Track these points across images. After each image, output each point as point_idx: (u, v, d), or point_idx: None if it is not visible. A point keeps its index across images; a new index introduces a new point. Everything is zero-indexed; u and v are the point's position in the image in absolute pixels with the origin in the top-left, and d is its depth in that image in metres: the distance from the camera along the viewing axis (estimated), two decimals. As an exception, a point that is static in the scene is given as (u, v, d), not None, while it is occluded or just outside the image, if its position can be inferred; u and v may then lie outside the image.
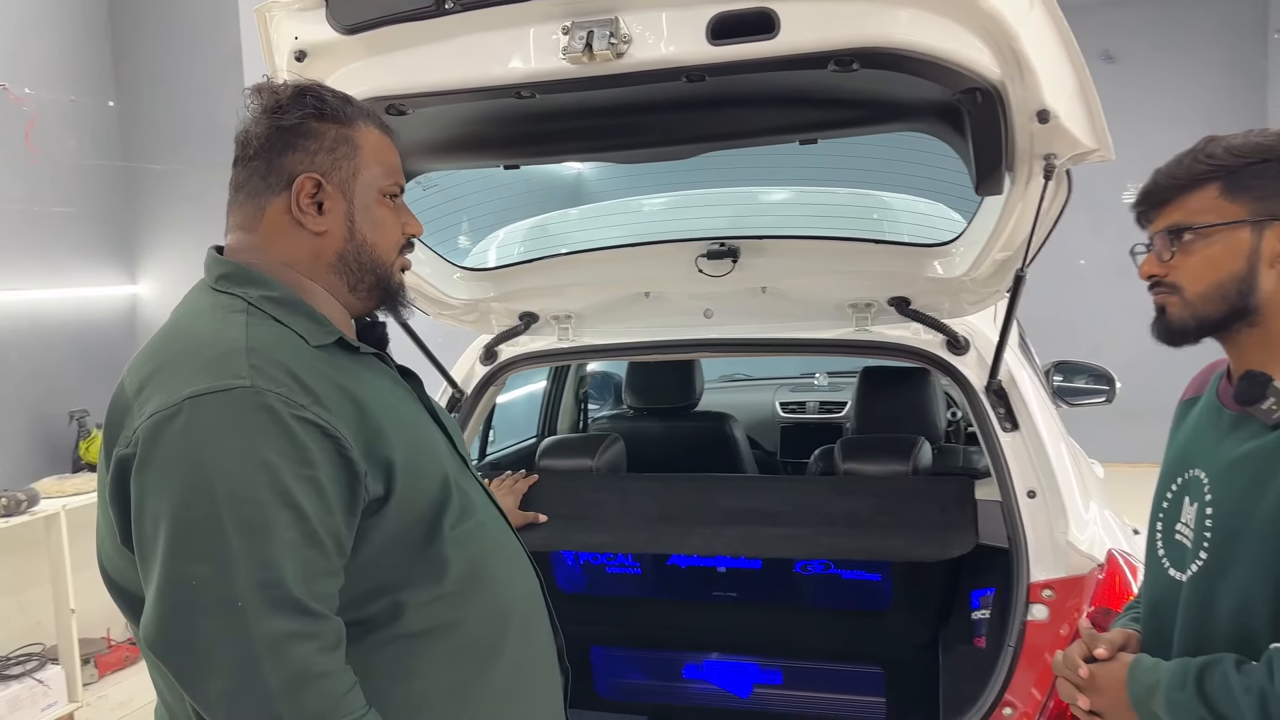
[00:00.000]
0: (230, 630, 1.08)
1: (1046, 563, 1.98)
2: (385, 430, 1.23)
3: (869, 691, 2.44)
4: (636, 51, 1.60)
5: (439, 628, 1.26)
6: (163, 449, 1.12)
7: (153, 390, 1.17)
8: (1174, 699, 1.38)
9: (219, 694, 1.09)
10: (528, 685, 1.37)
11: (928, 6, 1.52)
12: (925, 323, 2.25)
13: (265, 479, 1.12)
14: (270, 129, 1.31)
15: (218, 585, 1.09)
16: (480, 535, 1.34)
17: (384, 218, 1.35)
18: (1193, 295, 1.44)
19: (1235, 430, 1.47)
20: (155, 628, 1.12)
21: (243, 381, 1.15)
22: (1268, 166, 1.40)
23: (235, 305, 1.26)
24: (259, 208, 1.33)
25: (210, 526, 1.10)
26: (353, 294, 1.34)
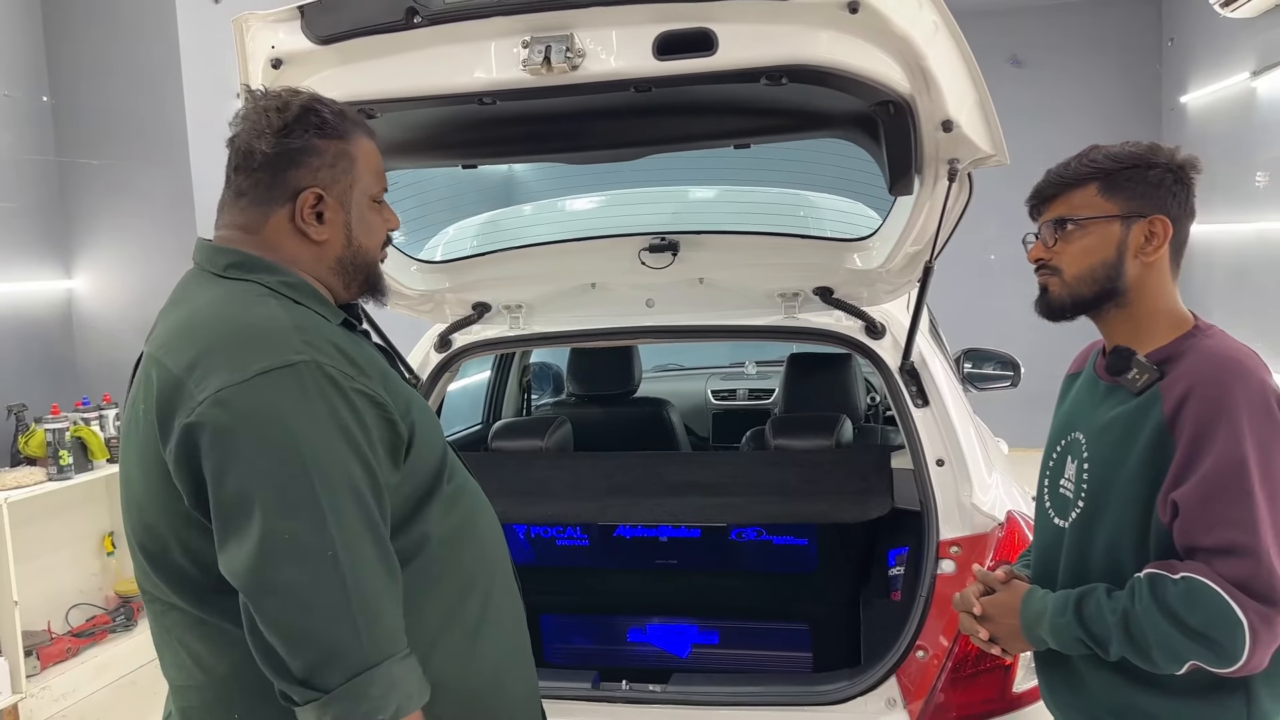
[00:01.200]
0: (324, 575, 1.20)
1: (954, 523, 2.20)
2: (408, 399, 1.37)
3: (798, 647, 2.65)
4: (590, 65, 1.77)
5: (438, 573, 1.40)
6: (242, 418, 1.21)
7: (210, 367, 1.24)
8: (1057, 623, 1.62)
9: (309, 631, 1.20)
10: (508, 620, 1.53)
11: (847, 29, 1.72)
12: (846, 310, 2.46)
13: (342, 442, 1.23)
14: (278, 147, 1.37)
15: (312, 537, 1.20)
16: (468, 490, 1.50)
17: (374, 221, 1.46)
18: (1070, 277, 1.67)
19: (1108, 397, 1.71)
20: (253, 576, 1.20)
21: (303, 357, 1.25)
22: (1137, 172, 1.64)
23: (259, 290, 1.34)
24: (263, 215, 1.40)
25: (301, 485, 1.20)
26: (346, 290, 1.46)
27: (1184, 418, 1.54)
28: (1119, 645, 1.55)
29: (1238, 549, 1.48)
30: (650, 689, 2.16)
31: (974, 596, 1.79)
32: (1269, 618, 1.47)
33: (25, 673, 4.04)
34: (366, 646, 1.21)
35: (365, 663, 1.20)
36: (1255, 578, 1.47)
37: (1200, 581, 1.48)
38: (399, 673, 1.24)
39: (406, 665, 1.25)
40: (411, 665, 1.27)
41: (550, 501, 2.50)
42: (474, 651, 1.45)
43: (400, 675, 1.24)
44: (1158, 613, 1.50)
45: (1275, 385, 1.57)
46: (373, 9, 1.79)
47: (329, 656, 1.20)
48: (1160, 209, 1.63)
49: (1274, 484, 1.51)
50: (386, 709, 1.21)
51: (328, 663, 1.20)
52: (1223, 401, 1.52)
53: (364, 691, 1.20)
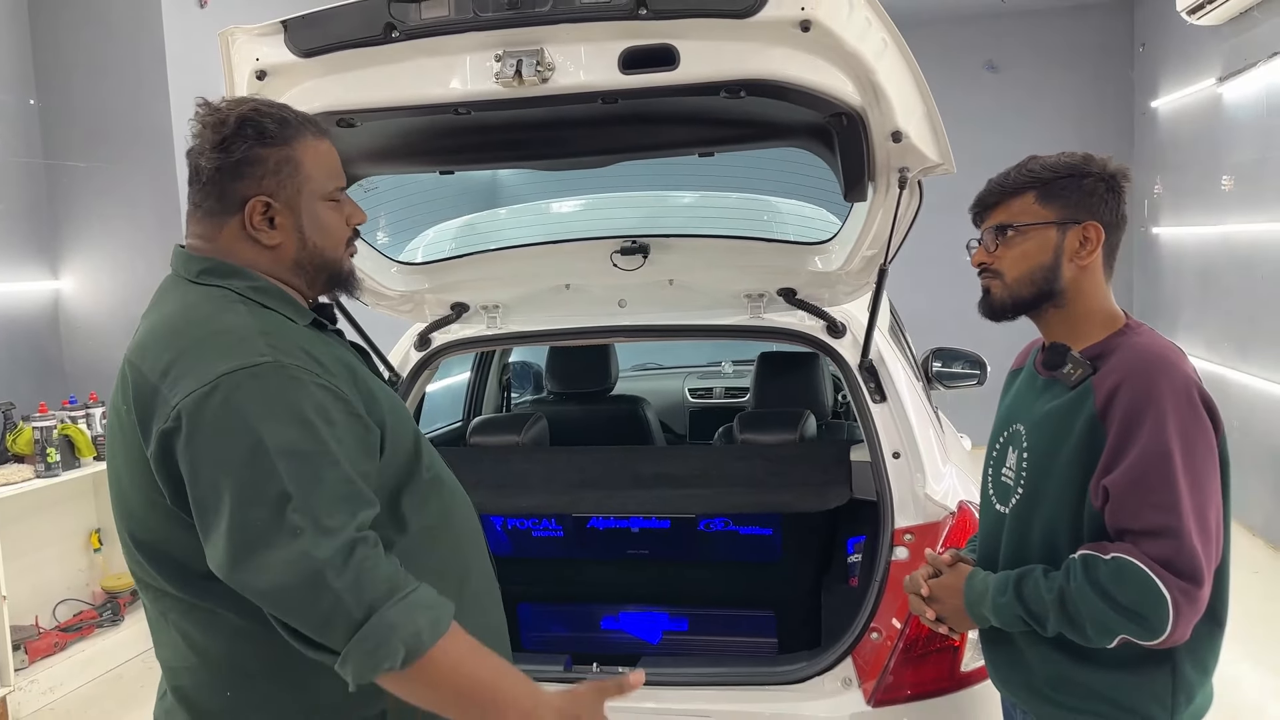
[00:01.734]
0: (296, 554, 1.27)
1: (908, 512, 2.31)
2: (375, 394, 1.45)
3: (764, 633, 2.76)
4: (559, 78, 1.87)
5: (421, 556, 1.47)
6: (208, 420, 1.29)
7: (180, 373, 1.32)
8: (998, 602, 1.74)
9: (300, 604, 1.28)
10: (483, 605, 1.62)
11: (801, 46, 1.82)
12: (809, 310, 2.57)
13: (303, 433, 1.30)
14: (219, 161, 1.42)
15: (278, 521, 1.27)
16: (444, 480, 1.58)
17: (329, 219, 1.51)
18: (1011, 280, 1.79)
19: (1046, 391, 1.83)
20: (230, 564, 1.28)
21: (266, 358, 1.32)
22: (1072, 181, 1.76)
23: (229, 296, 1.42)
24: (217, 225, 1.46)
25: (267, 476, 1.27)
26: (311, 287, 1.53)
27: (1114, 410, 1.65)
28: (1055, 621, 1.66)
29: (1163, 531, 1.59)
30: (619, 670, 2.27)
31: (922, 579, 1.90)
32: (1190, 593, 1.59)
33: (13, 666, 4.12)
34: (352, 607, 1.28)
35: (355, 621, 1.28)
36: (1178, 557, 1.58)
37: (1129, 561, 1.59)
38: (394, 617, 1.29)
39: (404, 606, 1.31)
40: (410, 604, 1.31)
41: (525, 494, 2.60)
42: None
43: (397, 618, 1.29)
44: (1090, 590, 1.61)
45: (1198, 379, 1.69)
46: (353, 24, 1.88)
47: (324, 623, 1.29)
48: (1093, 215, 1.75)
49: (1196, 470, 1.63)
50: (394, 655, 1.28)
51: (326, 629, 1.29)
52: (1149, 394, 1.63)
53: (365, 646, 1.28)
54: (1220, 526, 1.67)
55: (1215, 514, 1.65)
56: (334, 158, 1.54)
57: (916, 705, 2.13)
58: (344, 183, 1.56)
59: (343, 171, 1.56)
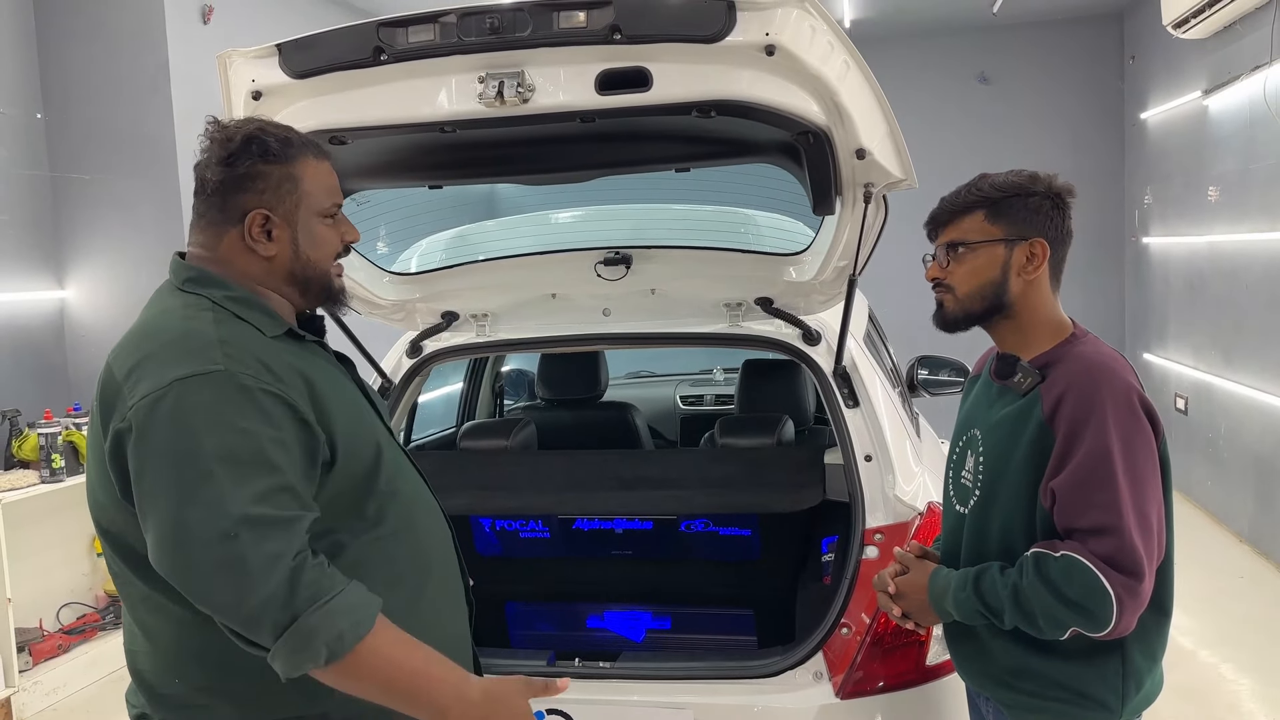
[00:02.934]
0: (228, 554, 1.33)
1: (879, 513, 2.40)
2: (329, 404, 1.51)
3: (743, 631, 2.85)
4: (539, 98, 1.97)
5: (372, 564, 1.54)
6: (157, 422, 1.37)
7: (140, 376, 1.40)
8: (958, 597, 1.83)
9: (229, 604, 1.35)
10: (443, 615, 1.67)
11: (767, 69, 1.92)
12: (785, 319, 2.66)
13: (245, 440, 1.37)
14: (225, 174, 1.52)
15: (212, 521, 1.33)
16: (406, 491, 1.64)
17: (323, 235, 1.59)
18: (962, 294, 1.88)
19: (1000, 398, 1.92)
20: (168, 559, 1.36)
21: (218, 366, 1.39)
22: (1018, 199, 1.85)
23: (203, 304, 1.49)
24: (217, 235, 1.55)
25: (204, 480, 1.34)
26: (303, 299, 1.62)
27: (1060, 415, 1.75)
28: (1011, 615, 1.76)
29: (1105, 529, 1.69)
30: (601, 665, 2.36)
31: (889, 577, 1.99)
32: (1132, 588, 1.68)
33: (18, 668, 4.21)
34: (279, 609, 1.34)
35: (284, 622, 1.35)
36: (1120, 553, 1.68)
37: (1075, 559, 1.69)
38: (316, 621, 1.35)
39: (323, 612, 1.36)
40: (331, 609, 1.37)
41: (512, 495, 2.70)
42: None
43: (319, 623, 1.35)
44: (1041, 586, 1.71)
45: (1139, 386, 1.79)
46: (343, 47, 1.99)
47: (252, 624, 1.35)
48: (1039, 232, 1.84)
49: (1136, 471, 1.72)
50: (317, 656, 1.35)
51: (254, 627, 1.36)
52: (1092, 402, 1.73)
53: (288, 645, 1.35)
54: (1162, 523, 1.77)
55: (1156, 512, 1.74)
56: (332, 177, 1.63)
57: (884, 698, 2.22)
58: (340, 201, 1.65)
59: (340, 190, 1.65)
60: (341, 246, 1.66)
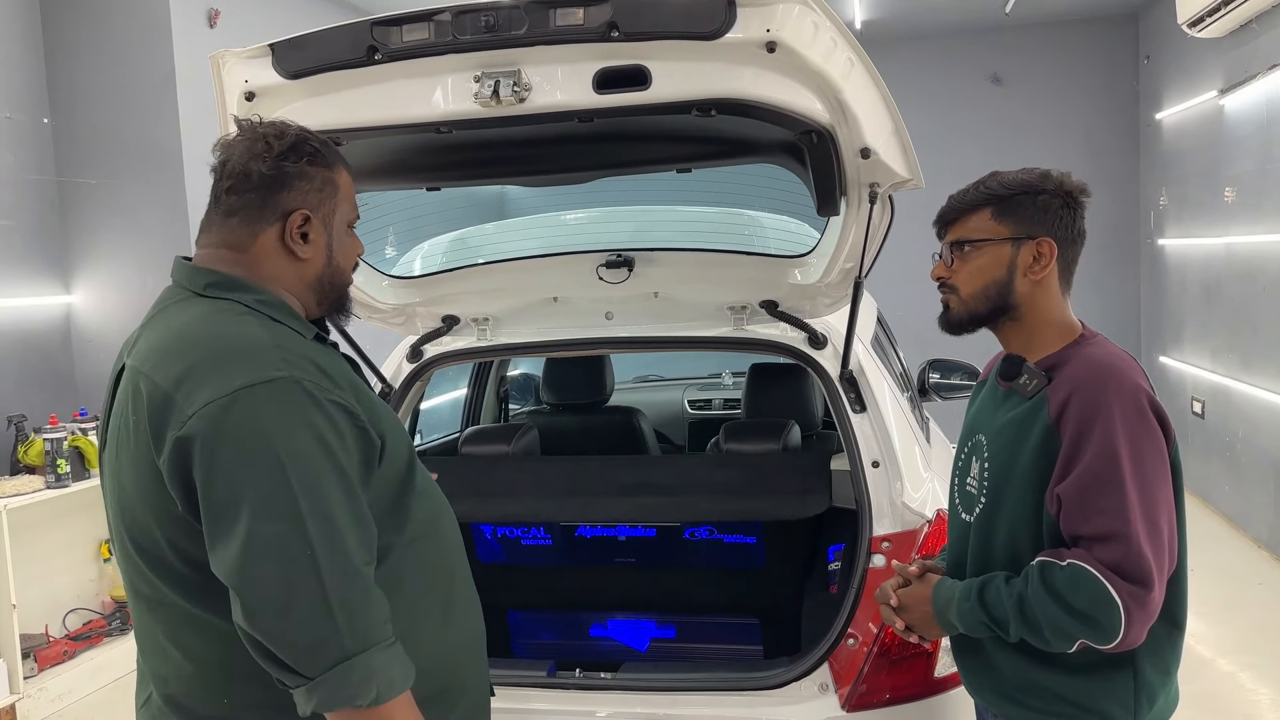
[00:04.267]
0: (306, 573, 1.30)
1: (886, 520, 2.35)
2: (376, 408, 1.50)
3: (749, 640, 2.80)
4: (536, 97, 1.93)
5: (410, 568, 1.53)
6: (228, 431, 1.32)
7: (196, 383, 1.35)
8: (962, 608, 1.78)
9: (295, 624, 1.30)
10: (470, 617, 1.67)
11: (768, 66, 1.87)
12: (790, 322, 2.61)
13: (319, 450, 1.34)
14: (275, 170, 1.49)
15: (292, 538, 1.30)
16: (430, 493, 1.63)
17: (350, 244, 1.61)
18: (966, 294, 1.83)
19: (1005, 402, 1.87)
20: (240, 574, 1.31)
21: (281, 373, 1.35)
22: (1026, 197, 1.80)
23: (238, 309, 1.45)
24: (252, 234, 1.51)
25: (282, 491, 1.31)
26: (319, 307, 1.59)
27: (1066, 419, 1.70)
28: (1016, 627, 1.70)
29: (1112, 536, 1.63)
30: (602, 676, 2.31)
31: (891, 589, 1.94)
32: (1140, 597, 1.62)
33: (23, 674, 4.19)
34: (345, 638, 1.31)
35: (345, 653, 1.31)
36: (1127, 561, 1.62)
37: (1082, 567, 1.63)
38: (380, 661, 1.34)
39: (389, 654, 1.36)
40: (394, 654, 1.37)
41: (512, 502, 2.66)
42: (441, 640, 1.57)
43: (381, 663, 1.34)
44: (1047, 596, 1.65)
45: (1148, 388, 1.73)
46: (337, 47, 1.95)
47: (311, 647, 1.31)
48: (1047, 231, 1.79)
49: (1144, 476, 1.67)
50: (367, 694, 1.32)
51: (311, 653, 1.31)
52: (1099, 404, 1.67)
53: (345, 678, 1.31)
54: (1173, 531, 1.71)
55: (1167, 519, 1.69)
56: (354, 191, 1.62)
57: (891, 710, 2.17)
58: (359, 215, 1.64)
59: (357, 205, 1.64)
60: (356, 259, 1.66)
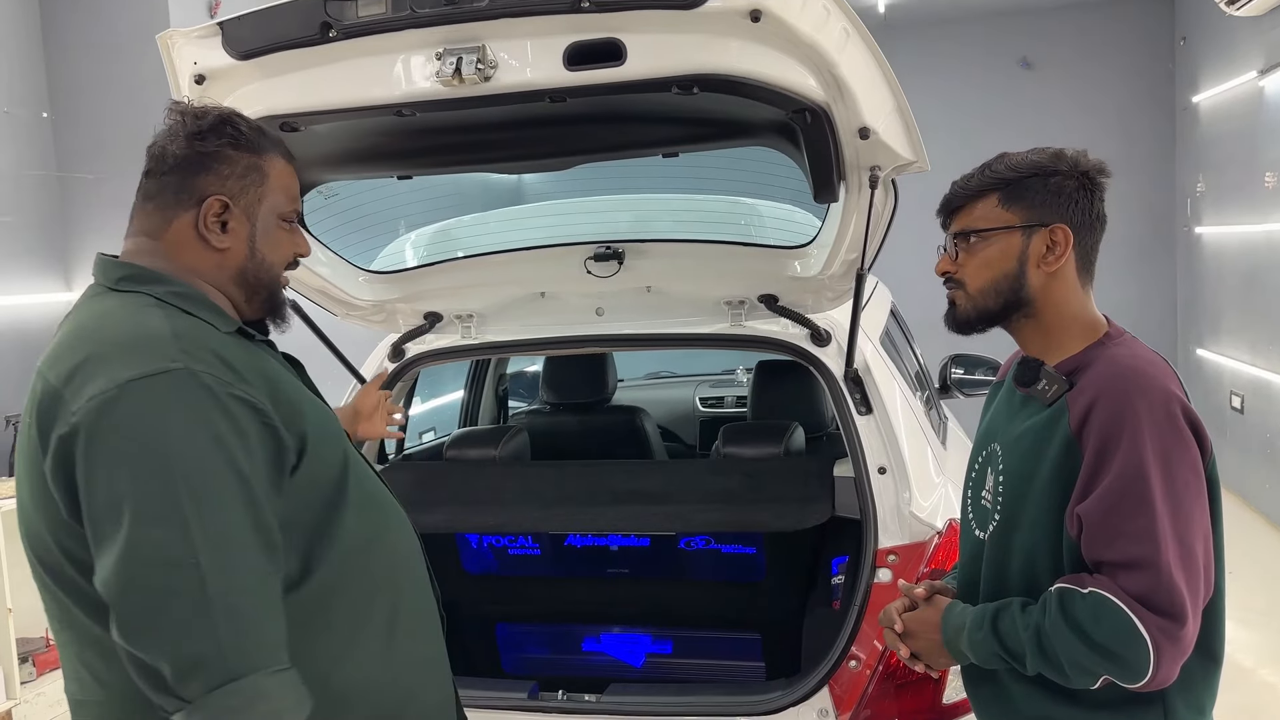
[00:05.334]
0: (188, 584, 1.18)
1: (892, 531, 2.18)
2: (296, 405, 1.37)
3: (750, 656, 2.63)
4: (503, 75, 1.78)
5: (344, 582, 1.40)
6: (109, 427, 1.21)
7: (86, 378, 1.24)
8: (974, 638, 1.60)
9: (173, 640, 1.18)
10: (418, 635, 1.53)
11: (753, 37, 1.71)
12: (791, 317, 2.44)
13: (211, 448, 1.22)
14: (190, 151, 1.39)
15: (176, 545, 1.18)
16: (375, 500, 1.50)
17: (280, 239, 1.47)
18: (974, 290, 1.65)
19: (1023, 408, 1.69)
20: (118, 585, 1.20)
21: (177, 364, 1.25)
22: (1036, 181, 1.61)
23: (146, 301, 1.34)
24: (166, 220, 1.41)
25: (167, 495, 1.19)
26: (247, 304, 1.47)
27: (1088, 429, 1.52)
28: (1033, 660, 1.53)
29: (1139, 562, 1.46)
30: (586, 699, 2.16)
31: (896, 613, 1.77)
32: (1171, 632, 1.44)
33: (20, 679, 4.10)
34: (230, 658, 1.19)
35: (228, 674, 1.18)
36: (1156, 591, 1.44)
37: (1105, 597, 1.46)
38: (268, 686, 1.21)
39: (279, 680, 1.23)
40: (285, 680, 1.24)
41: (497, 510, 2.51)
42: (385, 660, 1.45)
43: (270, 688, 1.21)
44: (1066, 629, 1.48)
45: (1181, 394, 1.54)
46: (289, 24, 1.82)
47: (191, 666, 1.18)
48: (1061, 217, 1.60)
49: (1177, 496, 1.48)
50: None
51: (190, 673, 1.18)
52: (1124, 413, 1.49)
53: (224, 703, 1.18)
54: (1210, 556, 1.53)
55: (1202, 543, 1.50)
56: (295, 182, 1.51)
57: (895, 739, 2.00)
58: (300, 210, 1.52)
59: (300, 199, 1.53)
60: (292, 258, 1.52)
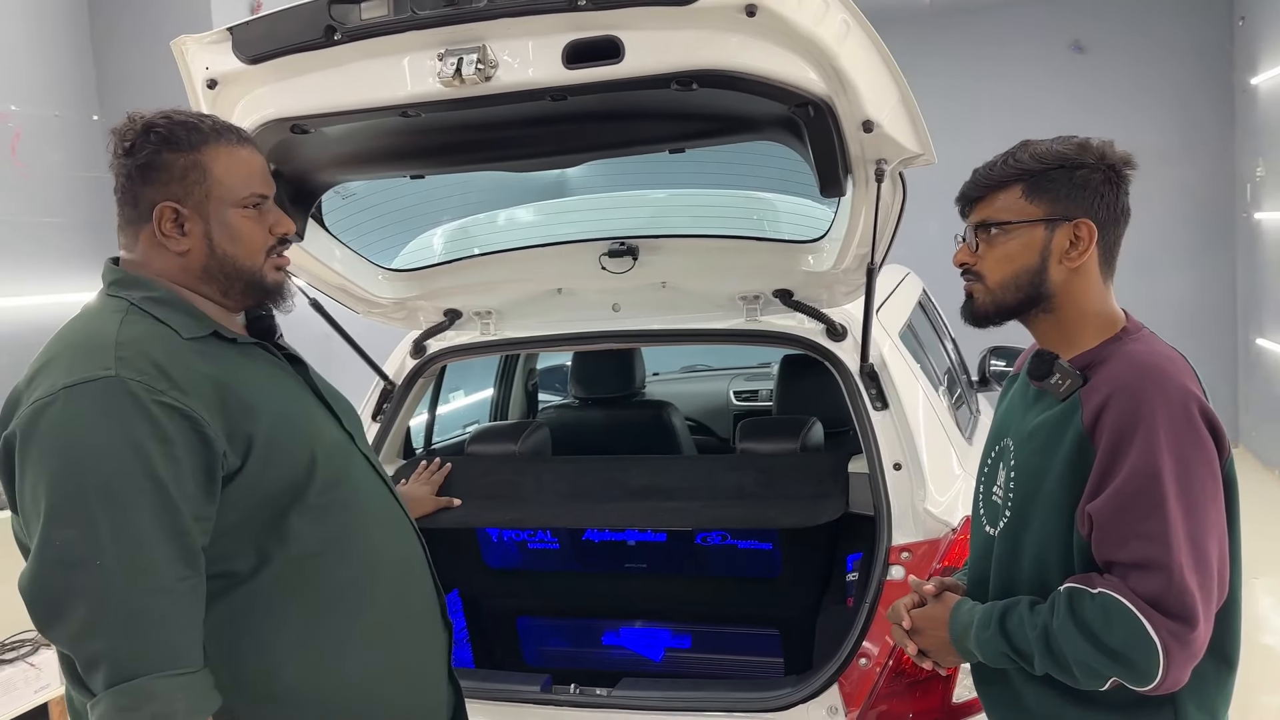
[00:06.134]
0: (90, 584, 1.25)
1: (907, 528, 2.16)
2: (249, 410, 1.39)
3: (768, 652, 2.62)
4: (503, 75, 1.79)
5: (297, 586, 1.42)
6: (40, 431, 1.29)
7: (38, 383, 1.34)
8: (982, 637, 1.58)
9: (73, 636, 1.26)
10: (396, 637, 1.53)
11: (751, 33, 1.70)
12: (806, 312, 2.42)
13: (128, 455, 1.27)
14: (128, 167, 1.44)
15: (82, 545, 1.25)
16: (352, 504, 1.50)
17: (243, 228, 1.48)
18: (993, 284, 1.62)
19: (1036, 403, 1.66)
20: (28, 579, 1.28)
21: (108, 372, 1.30)
22: (1062, 173, 1.57)
23: (118, 306, 1.41)
24: (133, 234, 1.47)
25: (78, 496, 1.26)
26: (226, 298, 1.50)
27: (1102, 426, 1.49)
28: (1041, 661, 1.51)
29: (1150, 564, 1.43)
30: (597, 692, 2.17)
31: (905, 609, 1.75)
32: (1182, 636, 1.42)
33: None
34: (128, 658, 1.25)
35: (125, 674, 1.24)
36: (1167, 594, 1.42)
37: (1114, 599, 1.44)
38: (160, 688, 1.26)
39: (176, 682, 1.27)
40: (184, 683, 1.28)
41: (511, 505, 2.53)
42: (340, 665, 1.46)
43: (164, 690, 1.26)
44: (1074, 630, 1.46)
45: (1199, 392, 1.51)
46: (295, 27, 1.84)
47: (91, 663, 1.26)
48: (1085, 212, 1.57)
49: (1191, 495, 1.45)
50: None
51: (91, 668, 1.26)
52: (1139, 411, 1.46)
53: (117, 701, 1.24)
54: (1225, 558, 1.49)
55: (1217, 545, 1.47)
56: (252, 164, 1.50)
57: (905, 738, 1.98)
58: (266, 190, 1.52)
59: (267, 179, 1.53)
60: (273, 239, 1.53)
